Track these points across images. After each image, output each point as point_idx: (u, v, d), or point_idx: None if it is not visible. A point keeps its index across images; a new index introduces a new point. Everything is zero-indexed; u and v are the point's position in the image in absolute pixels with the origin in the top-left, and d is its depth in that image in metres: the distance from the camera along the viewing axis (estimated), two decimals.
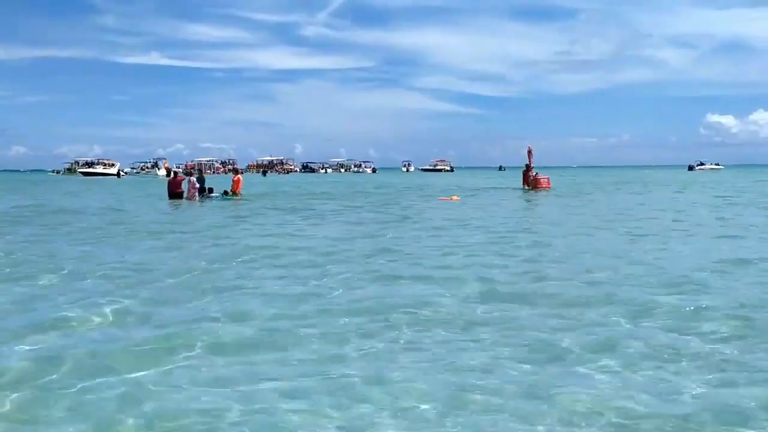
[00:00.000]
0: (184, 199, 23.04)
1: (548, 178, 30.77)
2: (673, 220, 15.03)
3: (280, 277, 7.69)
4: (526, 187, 29.98)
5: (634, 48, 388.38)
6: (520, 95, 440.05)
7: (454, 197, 25.52)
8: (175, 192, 23.47)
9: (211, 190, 24.01)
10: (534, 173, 30.18)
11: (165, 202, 22.84)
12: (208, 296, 6.62)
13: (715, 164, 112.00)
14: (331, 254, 9.58)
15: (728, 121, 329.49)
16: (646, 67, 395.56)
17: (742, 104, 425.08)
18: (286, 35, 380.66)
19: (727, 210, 18.34)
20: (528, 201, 24.34)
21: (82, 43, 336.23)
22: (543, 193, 28.50)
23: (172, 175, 25.39)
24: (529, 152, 29.92)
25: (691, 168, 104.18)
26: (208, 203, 21.94)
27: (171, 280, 7.52)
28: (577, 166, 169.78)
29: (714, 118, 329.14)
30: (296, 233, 12.66)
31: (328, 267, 8.41)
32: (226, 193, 23.91)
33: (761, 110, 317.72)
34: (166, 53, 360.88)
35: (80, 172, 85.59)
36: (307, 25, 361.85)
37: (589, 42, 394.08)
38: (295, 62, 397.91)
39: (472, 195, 28.43)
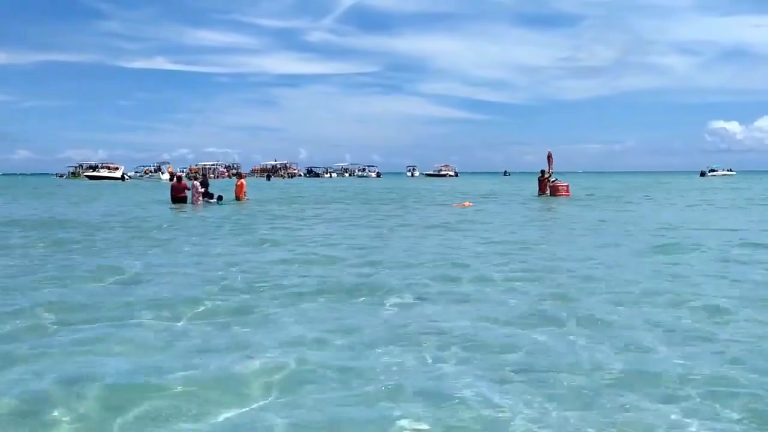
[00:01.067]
0: (188, 204, 22.61)
1: (568, 186, 28.68)
2: None
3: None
4: (544, 194, 28.25)
5: (639, 54, 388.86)
6: (525, 101, 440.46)
7: (466, 203, 25.14)
8: (177, 197, 23.02)
9: (212, 196, 23.53)
10: (552, 179, 28.48)
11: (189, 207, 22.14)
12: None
13: (728, 170, 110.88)
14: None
15: (733, 127, 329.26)
16: (651, 74, 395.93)
17: (747, 111, 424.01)
18: (290, 41, 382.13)
19: None
20: (562, 213, 20.34)
21: (87, 48, 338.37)
22: (564, 200, 26.18)
23: (175, 179, 24.92)
24: (549, 157, 28.32)
25: (703, 174, 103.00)
26: (212, 209, 21.38)
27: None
28: (583, 172, 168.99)
29: (719, 124, 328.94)
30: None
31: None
32: (220, 198, 23.42)
33: (766, 117, 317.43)
34: (171, 58, 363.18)
35: (86, 176, 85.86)
36: (312, 30, 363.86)
37: (593, 48, 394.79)
38: (300, 67, 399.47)
39: (491, 202, 26.26)
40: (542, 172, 28.81)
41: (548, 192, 28.12)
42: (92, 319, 5.74)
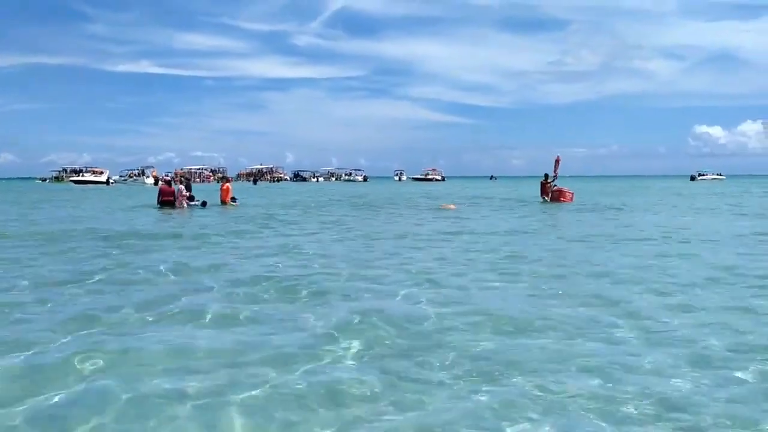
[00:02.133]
0: (175, 208, 22.38)
1: (572, 193, 27.63)
2: None
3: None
4: (545, 199, 27.11)
5: (624, 59, 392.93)
6: (511, 105, 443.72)
7: (451, 205, 25.39)
8: (164, 200, 22.76)
9: (193, 199, 23.26)
10: (554, 185, 27.32)
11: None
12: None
13: (718, 174, 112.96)
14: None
15: (716, 132, 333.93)
16: (636, 78, 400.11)
17: (730, 115, 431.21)
18: (277, 44, 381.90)
19: None
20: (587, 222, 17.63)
21: (73, 51, 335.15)
22: (569, 206, 24.81)
23: (162, 183, 24.68)
24: (557, 162, 27.16)
25: (693, 178, 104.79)
26: (200, 213, 21.17)
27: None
28: (569, 176, 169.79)
29: (702, 129, 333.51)
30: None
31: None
32: (204, 204, 23.20)
33: (749, 121, 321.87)
34: (157, 62, 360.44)
35: (71, 180, 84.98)
36: (299, 34, 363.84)
37: (579, 53, 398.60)
38: (287, 71, 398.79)
39: (497, 210, 24.09)
40: (546, 176, 27.70)
41: (549, 197, 27.06)
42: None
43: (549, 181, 27.54)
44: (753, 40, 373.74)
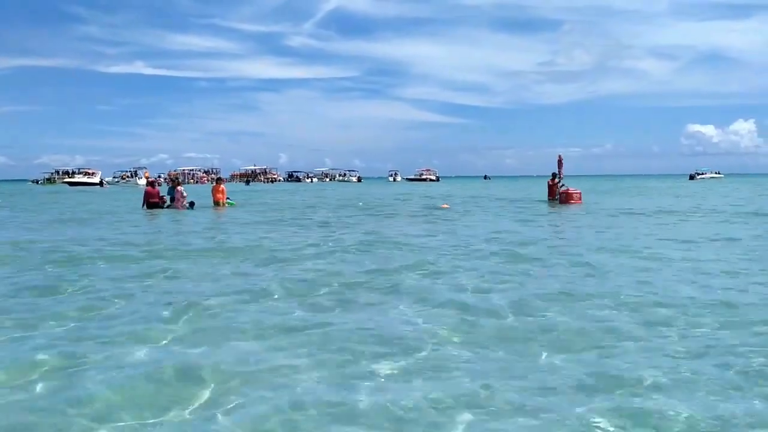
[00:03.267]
0: (165, 208, 22.06)
1: (580, 193, 26.09)
2: None
3: None
4: (552, 200, 26.23)
5: (616, 59, 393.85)
6: (505, 105, 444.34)
7: (444, 205, 25.95)
8: (151, 202, 22.38)
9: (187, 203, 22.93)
10: (561, 185, 26.21)
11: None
12: None
13: (716, 173, 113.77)
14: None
15: (709, 131, 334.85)
16: (628, 78, 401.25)
17: (722, 114, 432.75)
18: (270, 45, 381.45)
19: None
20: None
21: (66, 53, 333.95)
22: (578, 209, 22.89)
23: (148, 185, 24.30)
24: (560, 162, 26.59)
25: (692, 177, 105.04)
26: (194, 214, 20.86)
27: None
28: (565, 176, 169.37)
29: (695, 128, 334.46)
30: None
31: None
32: (192, 204, 22.82)
33: (741, 120, 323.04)
34: (151, 63, 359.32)
35: (65, 182, 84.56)
36: (292, 35, 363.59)
37: (571, 53, 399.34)
38: (280, 72, 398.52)
39: (507, 213, 21.88)
40: (553, 175, 26.83)
41: (557, 198, 25.86)
42: None
43: (556, 181, 26.63)
44: (744, 40, 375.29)
